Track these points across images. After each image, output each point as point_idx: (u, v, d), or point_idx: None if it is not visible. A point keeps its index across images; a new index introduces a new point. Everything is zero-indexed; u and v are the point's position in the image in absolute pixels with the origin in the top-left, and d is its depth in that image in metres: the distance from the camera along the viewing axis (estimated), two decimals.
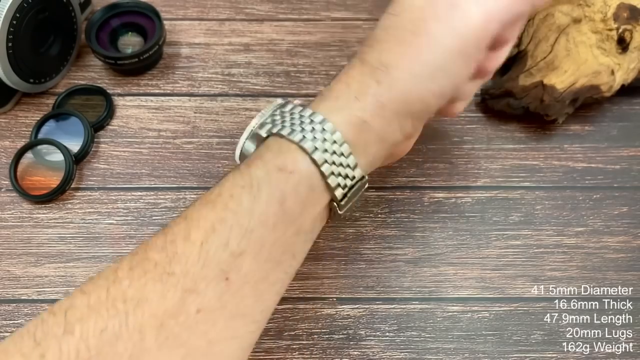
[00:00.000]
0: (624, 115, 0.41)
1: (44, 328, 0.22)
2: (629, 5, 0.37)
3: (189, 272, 0.23)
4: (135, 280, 0.23)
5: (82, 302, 0.23)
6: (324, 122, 0.26)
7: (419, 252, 0.36)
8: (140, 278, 0.23)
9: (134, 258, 0.24)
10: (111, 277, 0.23)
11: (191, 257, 0.23)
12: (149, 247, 0.24)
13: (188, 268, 0.23)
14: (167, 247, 0.24)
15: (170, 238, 0.24)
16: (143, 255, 0.24)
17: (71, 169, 0.37)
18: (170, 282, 0.23)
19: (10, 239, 0.36)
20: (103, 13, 0.43)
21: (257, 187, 0.25)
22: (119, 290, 0.23)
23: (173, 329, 0.23)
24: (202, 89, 0.42)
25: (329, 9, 0.46)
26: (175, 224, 0.25)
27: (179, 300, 0.23)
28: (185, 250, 0.23)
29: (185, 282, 0.23)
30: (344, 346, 0.33)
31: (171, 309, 0.23)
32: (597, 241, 0.36)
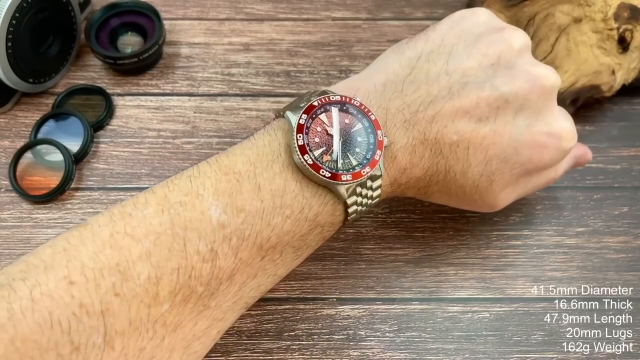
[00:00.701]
0: (625, 115, 0.41)
1: (80, 329, 0.21)
2: (629, 5, 0.37)
3: (222, 307, 0.25)
4: (176, 307, 0.23)
5: (122, 312, 0.22)
6: (377, 189, 0.27)
7: (419, 252, 0.36)
8: (181, 307, 0.24)
9: (178, 280, 0.23)
10: (151, 290, 0.23)
11: (229, 296, 0.25)
12: (194, 272, 0.24)
13: (223, 303, 0.25)
14: (211, 282, 0.24)
15: (217, 274, 0.24)
16: (187, 281, 0.24)
17: (71, 169, 0.37)
18: (205, 313, 0.25)
19: (10, 239, 0.36)
20: (103, 13, 0.42)
21: (303, 251, 0.28)
22: (159, 312, 0.23)
23: (195, 348, 0.25)
24: (201, 88, 0.42)
25: (329, 9, 0.46)
26: (224, 258, 0.24)
27: (207, 327, 0.25)
28: (226, 291, 0.25)
29: (217, 314, 0.25)
30: (344, 346, 0.33)
31: (198, 333, 0.25)
32: (598, 241, 0.36)
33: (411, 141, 0.28)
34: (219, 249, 0.24)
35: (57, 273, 0.22)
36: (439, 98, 0.27)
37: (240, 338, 0.33)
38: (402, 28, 0.44)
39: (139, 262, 0.23)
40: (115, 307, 0.22)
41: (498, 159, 0.28)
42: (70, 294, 0.22)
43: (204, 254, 0.24)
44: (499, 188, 0.30)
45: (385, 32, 0.44)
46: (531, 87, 0.28)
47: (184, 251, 0.24)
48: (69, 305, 0.21)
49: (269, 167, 0.26)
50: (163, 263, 0.23)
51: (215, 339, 0.26)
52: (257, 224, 0.25)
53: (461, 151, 0.28)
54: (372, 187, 0.27)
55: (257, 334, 0.33)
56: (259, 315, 0.34)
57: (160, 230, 0.24)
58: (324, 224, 0.27)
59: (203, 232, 0.24)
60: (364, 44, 0.44)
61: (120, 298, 0.22)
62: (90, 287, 0.22)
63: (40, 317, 0.21)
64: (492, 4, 0.41)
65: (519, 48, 0.29)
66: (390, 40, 0.44)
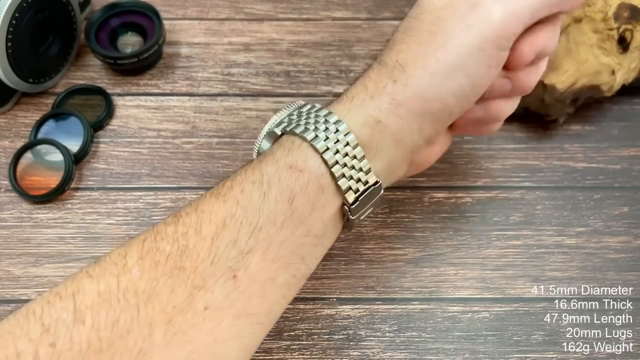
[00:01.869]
0: (625, 115, 0.41)
1: (51, 312, 0.22)
2: (629, 5, 0.37)
3: (199, 268, 0.23)
4: (146, 271, 0.23)
5: (92, 288, 0.22)
6: (338, 122, 0.26)
7: (419, 252, 0.36)
8: (151, 270, 0.23)
9: (144, 245, 0.23)
10: (120, 262, 0.23)
11: (202, 253, 0.23)
12: (159, 235, 0.24)
13: (198, 264, 0.23)
14: (178, 239, 0.23)
15: (182, 230, 0.24)
16: (153, 243, 0.23)
17: (70, 169, 0.37)
18: (180, 277, 0.23)
19: (10, 239, 0.36)
20: (102, 13, 0.42)
21: (267, 184, 0.25)
22: (129, 280, 0.22)
23: (181, 325, 0.23)
24: (201, 88, 0.42)
25: (329, 9, 0.46)
26: (186, 215, 0.24)
27: (188, 296, 0.23)
28: (197, 245, 0.23)
29: (195, 278, 0.23)
30: (344, 346, 0.33)
31: (180, 305, 0.23)
32: (598, 241, 0.36)
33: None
34: (182, 212, 0.24)
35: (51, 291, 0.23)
36: None
37: None
38: None
39: (114, 251, 0.24)
40: (86, 285, 0.22)
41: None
42: (50, 291, 0.23)
43: (169, 220, 0.24)
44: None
45: (385, 32, 0.44)
46: None
47: (152, 227, 0.24)
48: (46, 297, 0.22)
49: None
50: (133, 241, 0.24)
51: (208, 321, 0.23)
52: (217, 185, 0.26)
53: None
54: (326, 120, 0.26)
55: None
56: None
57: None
58: (290, 164, 0.25)
59: (173, 214, 0.25)
60: (364, 44, 0.44)
61: (91, 277, 0.23)
62: (68, 280, 0.23)
63: (20, 314, 0.22)
64: None
65: None
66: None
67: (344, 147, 0.26)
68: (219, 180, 0.26)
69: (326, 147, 0.25)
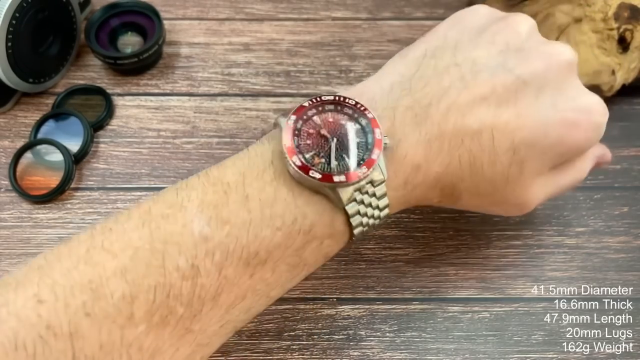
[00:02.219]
0: (625, 115, 0.40)
1: (46, 352, 0.20)
2: (629, 4, 0.37)
3: (207, 332, 0.23)
4: (154, 329, 0.21)
5: (92, 335, 0.20)
6: (383, 203, 0.25)
7: (419, 252, 0.36)
8: (159, 329, 0.22)
9: (155, 298, 0.21)
10: (125, 310, 0.21)
11: (214, 319, 0.23)
12: (173, 290, 0.22)
13: (207, 327, 0.23)
14: (193, 303, 0.22)
15: (199, 292, 0.22)
16: (165, 299, 0.22)
17: (71, 169, 0.37)
18: (187, 338, 0.22)
19: (10, 239, 0.36)
20: (102, 13, 0.42)
21: (301, 269, 0.25)
22: (135, 337, 0.21)
23: None
24: (201, 88, 0.42)
25: (329, 9, 0.46)
26: (206, 274, 0.22)
27: (190, 353, 0.23)
28: (210, 312, 0.23)
29: (202, 339, 0.23)
30: (344, 347, 0.33)
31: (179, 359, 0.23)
32: (598, 241, 0.36)
33: (424, 136, 0.25)
34: (200, 264, 0.22)
35: (27, 291, 0.21)
36: (452, 89, 0.26)
37: (240, 338, 0.33)
38: (402, 28, 0.44)
39: (113, 279, 0.21)
40: (85, 328, 0.20)
41: (526, 145, 0.26)
42: (37, 314, 0.20)
43: (184, 271, 0.22)
44: (530, 177, 0.27)
45: (385, 32, 0.44)
46: (547, 64, 0.26)
47: (162, 267, 0.22)
48: (35, 326, 0.20)
49: (259, 176, 0.24)
50: (139, 280, 0.21)
51: None
52: (243, 237, 0.23)
53: (485, 140, 0.26)
54: (376, 195, 0.25)
55: (257, 334, 0.33)
56: (259, 315, 0.33)
57: (138, 245, 0.22)
58: (322, 237, 0.24)
59: (184, 247, 0.22)
60: (364, 44, 0.44)
61: (91, 318, 0.20)
62: (59, 307, 0.20)
63: (5, 337, 0.20)
64: (492, 4, 0.41)
65: (526, 31, 0.27)
66: (390, 40, 0.44)
67: (375, 220, 0.25)
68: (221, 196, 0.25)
69: (360, 223, 0.25)
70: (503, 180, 0.27)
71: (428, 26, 0.44)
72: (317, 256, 0.25)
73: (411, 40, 0.40)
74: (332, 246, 0.25)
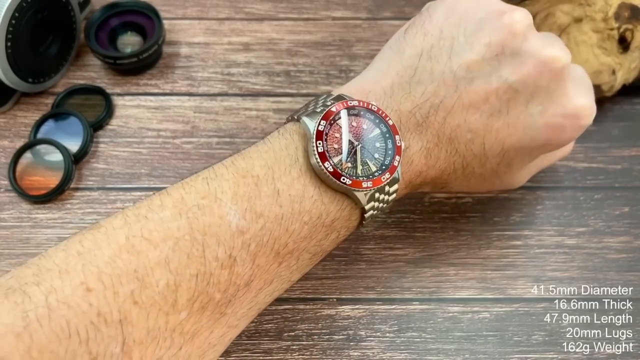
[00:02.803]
0: (625, 115, 0.40)
1: (97, 338, 0.21)
2: (630, 4, 0.37)
3: (238, 314, 0.25)
4: (194, 315, 0.23)
5: (140, 322, 0.22)
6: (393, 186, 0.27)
7: (419, 252, 0.36)
8: (198, 314, 0.23)
9: (196, 286, 0.23)
10: (169, 297, 0.22)
11: (245, 303, 0.25)
12: (212, 278, 0.23)
13: (238, 310, 0.25)
14: (229, 289, 0.24)
15: (235, 280, 0.24)
16: (205, 287, 0.23)
17: (70, 169, 0.37)
18: (221, 321, 0.24)
19: (10, 239, 0.36)
20: (102, 12, 0.42)
21: (320, 256, 0.28)
22: (178, 322, 0.23)
23: (209, 356, 0.25)
24: (201, 88, 0.42)
25: (329, 8, 0.45)
26: (242, 264, 0.24)
27: (222, 335, 0.25)
28: (243, 297, 0.25)
29: (232, 321, 0.25)
30: (344, 347, 0.33)
31: (214, 341, 0.24)
32: (598, 241, 0.36)
33: (425, 144, 0.27)
34: (237, 255, 0.24)
35: (73, 278, 0.21)
36: (447, 98, 0.27)
37: (240, 338, 0.33)
38: None
39: (157, 269, 0.22)
40: (134, 315, 0.21)
41: (515, 148, 0.28)
42: (87, 302, 0.21)
43: (223, 260, 0.23)
44: (517, 170, 0.30)
45: (386, 32, 0.44)
46: (540, 72, 0.27)
47: (203, 257, 0.23)
48: (87, 314, 0.21)
49: (287, 171, 0.25)
50: (182, 269, 0.23)
51: (227, 346, 0.26)
52: (276, 230, 0.25)
53: (477, 147, 0.28)
54: (389, 192, 0.27)
55: (257, 334, 0.33)
56: (258, 315, 0.33)
57: (178, 235, 0.23)
58: (340, 229, 0.27)
59: (222, 238, 0.23)
60: (364, 43, 0.44)
61: (139, 306, 0.22)
62: (109, 295, 0.21)
63: (58, 326, 0.20)
64: None
65: (522, 32, 0.27)
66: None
67: (384, 204, 0.28)
68: (252, 188, 0.26)
69: (371, 215, 0.27)
70: (492, 174, 0.30)
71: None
72: (333, 244, 0.28)
73: None
74: (346, 235, 0.28)
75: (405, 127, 0.27)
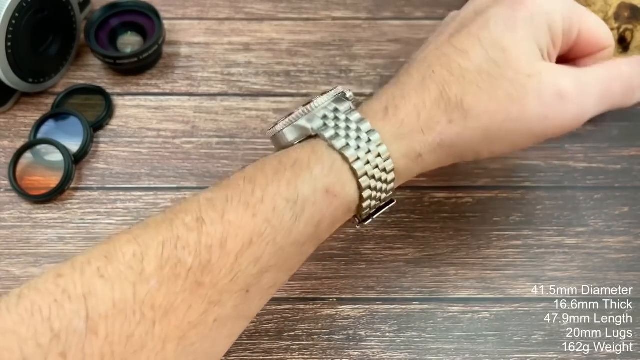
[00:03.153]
0: (625, 115, 0.40)
1: (60, 314, 0.20)
2: (630, 4, 0.37)
3: (218, 285, 0.23)
4: (165, 284, 0.22)
5: (105, 294, 0.21)
6: (381, 146, 0.25)
7: (419, 252, 0.36)
8: (171, 283, 0.22)
9: (163, 251, 0.22)
10: (136, 267, 0.22)
11: (224, 270, 0.23)
12: (180, 242, 0.23)
13: (218, 280, 0.23)
14: (201, 252, 0.23)
15: (206, 241, 0.23)
16: (174, 251, 0.22)
17: (70, 168, 0.37)
18: (199, 293, 0.23)
19: (10, 239, 0.36)
20: (102, 12, 0.42)
21: (302, 207, 0.24)
22: (147, 292, 0.22)
23: (191, 339, 0.23)
24: (201, 88, 0.42)
25: (329, 8, 0.45)
26: (210, 223, 0.23)
27: (203, 312, 0.23)
28: (220, 261, 0.23)
29: (213, 294, 0.23)
30: (344, 347, 0.33)
31: (194, 320, 0.23)
32: (598, 241, 0.36)
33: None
34: (204, 215, 0.23)
35: (49, 272, 0.22)
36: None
37: (240, 338, 0.33)
38: (402, 28, 0.44)
39: (126, 245, 0.22)
40: (99, 289, 0.21)
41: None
42: (55, 284, 0.21)
43: (190, 224, 0.23)
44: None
45: (386, 32, 0.44)
46: None
47: (171, 226, 0.23)
48: (53, 294, 0.21)
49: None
50: (149, 241, 0.23)
51: (214, 330, 0.24)
52: (240, 184, 0.24)
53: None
54: (369, 140, 0.25)
55: (257, 334, 0.33)
56: (259, 315, 0.33)
57: (151, 220, 0.24)
58: (328, 187, 0.25)
59: (190, 210, 0.24)
60: (364, 43, 0.44)
61: (105, 279, 0.21)
62: (76, 275, 0.22)
63: (23, 308, 0.21)
64: None
65: None
66: (390, 40, 0.44)
67: (380, 172, 0.26)
68: (218, 180, 0.26)
69: (365, 172, 0.25)
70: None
71: (428, 26, 0.44)
72: (323, 205, 0.25)
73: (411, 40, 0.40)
74: (338, 205, 0.25)
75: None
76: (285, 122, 0.27)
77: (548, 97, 0.26)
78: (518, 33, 0.26)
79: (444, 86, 0.26)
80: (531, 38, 0.27)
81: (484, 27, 0.27)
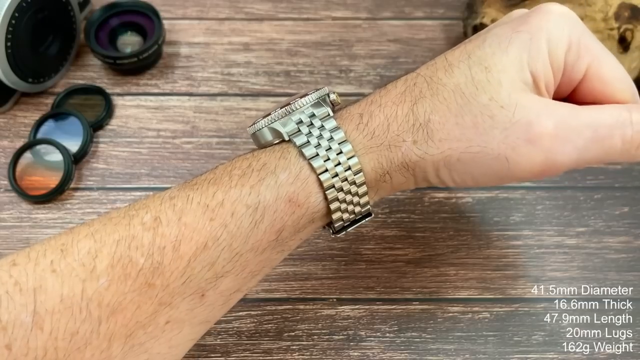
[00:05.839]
0: None
1: (9, 307, 0.21)
2: (630, 4, 0.37)
3: (169, 287, 0.23)
4: (115, 283, 0.22)
5: (54, 289, 0.21)
6: (352, 158, 0.24)
7: (419, 252, 0.36)
8: (120, 282, 0.22)
9: (116, 250, 0.22)
10: (88, 264, 0.22)
11: (175, 272, 0.23)
12: (134, 241, 0.22)
13: (169, 282, 0.23)
14: (154, 253, 0.22)
15: (159, 242, 0.23)
16: (126, 251, 0.22)
17: (70, 169, 0.37)
18: (149, 294, 0.22)
19: (9, 239, 0.36)
20: (102, 12, 0.42)
21: (262, 215, 0.24)
22: (95, 290, 0.22)
23: (140, 338, 0.22)
24: (201, 88, 0.42)
25: (329, 8, 0.45)
26: (166, 223, 0.23)
27: (153, 312, 0.23)
28: (172, 264, 0.23)
29: (163, 296, 0.23)
30: (344, 347, 0.33)
31: (143, 320, 0.22)
32: (598, 241, 0.36)
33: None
34: (162, 215, 0.23)
35: (7, 259, 0.22)
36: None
37: (240, 338, 0.33)
38: (402, 28, 0.44)
39: (83, 240, 0.22)
40: (49, 283, 0.21)
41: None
42: (9, 274, 0.21)
43: (147, 223, 0.23)
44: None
45: (386, 32, 0.44)
46: None
47: (129, 224, 0.23)
48: (5, 284, 0.21)
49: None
50: (105, 237, 0.22)
51: (167, 332, 0.23)
52: (204, 185, 0.24)
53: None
54: (341, 152, 0.24)
55: (257, 334, 0.33)
56: (258, 315, 0.34)
57: (114, 216, 0.24)
58: (291, 196, 0.24)
59: (152, 206, 0.23)
60: (364, 43, 0.44)
61: (56, 274, 0.21)
62: (30, 267, 0.22)
63: None
64: (492, 4, 0.41)
65: None
66: (390, 40, 0.44)
67: (349, 185, 0.25)
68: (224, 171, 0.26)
69: (332, 184, 0.24)
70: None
71: (428, 26, 0.44)
72: (270, 193, 0.24)
73: (411, 40, 0.40)
74: (300, 215, 0.25)
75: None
76: (263, 122, 0.26)
77: (513, 138, 0.23)
78: (509, 54, 0.24)
79: (417, 100, 0.25)
80: (523, 61, 0.24)
81: (479, 44, 0.25)
